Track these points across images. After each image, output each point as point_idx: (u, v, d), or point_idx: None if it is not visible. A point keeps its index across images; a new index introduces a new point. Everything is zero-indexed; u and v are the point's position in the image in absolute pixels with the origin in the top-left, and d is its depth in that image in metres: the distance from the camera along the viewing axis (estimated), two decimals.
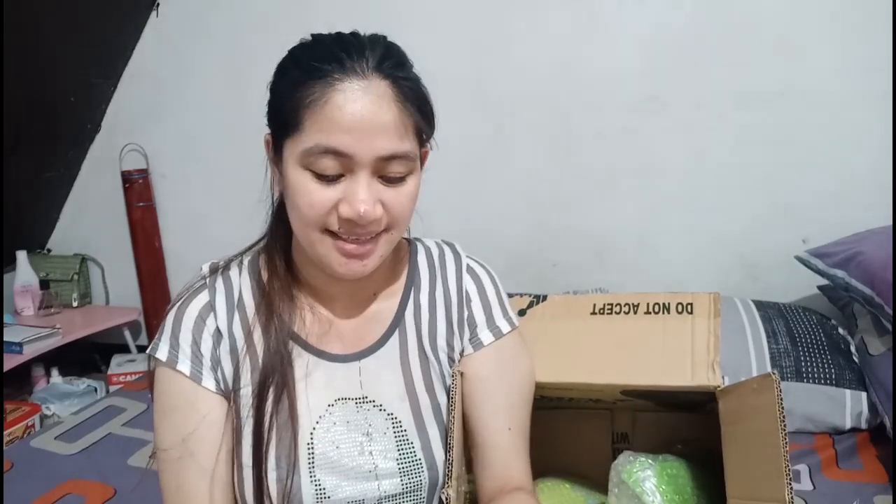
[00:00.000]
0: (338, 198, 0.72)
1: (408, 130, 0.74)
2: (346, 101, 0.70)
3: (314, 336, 0.82)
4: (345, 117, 0.69)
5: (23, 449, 1.67)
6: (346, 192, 0.72)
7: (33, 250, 2.71)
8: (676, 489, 0.91)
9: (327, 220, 0.73)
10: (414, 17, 2.18)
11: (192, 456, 0.76)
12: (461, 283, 0.89)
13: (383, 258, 0.78)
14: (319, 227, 0.74)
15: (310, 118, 0.71)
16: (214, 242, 1.55)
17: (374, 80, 0.71)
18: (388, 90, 0.72)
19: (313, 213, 0.73)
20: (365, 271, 0.76)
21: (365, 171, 0.72)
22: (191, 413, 0.77)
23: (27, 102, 2.23)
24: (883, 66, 1.82)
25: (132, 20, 2.46)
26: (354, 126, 0.70)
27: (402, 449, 0.80)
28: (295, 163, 0.73)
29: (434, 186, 1.35)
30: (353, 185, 0.72)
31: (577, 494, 1.04)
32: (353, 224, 0.72)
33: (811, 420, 1.56)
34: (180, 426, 0.77)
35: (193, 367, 0.78)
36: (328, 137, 0.70)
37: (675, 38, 2.00)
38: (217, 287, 0.82)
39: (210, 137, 2.47)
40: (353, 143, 0.70)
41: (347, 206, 0.72)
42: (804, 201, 1.97)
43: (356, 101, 0.70)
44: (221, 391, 0.79)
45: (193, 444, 0.76)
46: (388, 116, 0.71)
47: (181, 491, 0.77)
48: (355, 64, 0.71)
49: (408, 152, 0.73)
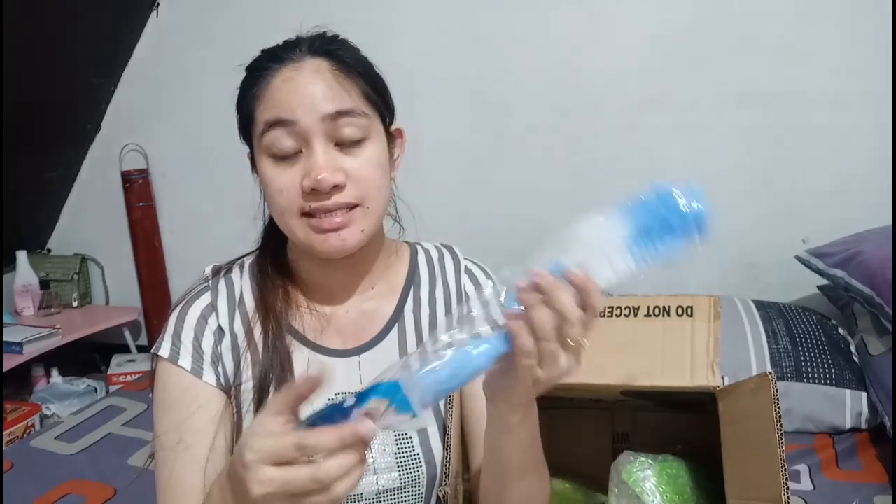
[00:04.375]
0: (301, 175, 0.74)
1: (351, 93, 0.76)
2: (282, 81, 0.75)
3: (313, 331, 0.83)
4: (283, 93, 0.74)
5: (23, 449, 1.67)
6: (305, 167, 0.74)
7: (33, 250, 2.71)
8: (676, 489, 0.91)
9: (298, 202, 0.74)
10: (414, 18, 2.19)
11: (189, 449, 0.77)
12: (460, 282, 0.91)
13: (365, 234, 0.77)
14: (295, 213, 0.75)
15: (258, 107, 0.76)
16: (214, 242, 1.56)
17: (308, 59, 0.76)
18: (323, 63, 0.76)
19: (283, 199, 0.75)
20: (345, 246, 0.76)
21: (318, 138, 0.73)
22: (190, 407, 0.78)
23: (27, 102, 2.23)
24: (883, 66, 1.82)
25: (132, 20, 2.46)
26: (293, 97, 0.73)
27: (400, 444, 0.81)
28: (259, 153, 0.76)
29: (434, 186, 1.36)
30: (310, 156, 0.74)
31: (577, 494, 1.05)
32: (318, 195, 0.73)
33: (811, 420, 1.56)
34: (179, 419, 0.78)
35: (194, 363, 0.79)
36: (271, 111, 0.74)
37: (676, 39, 2.00)
38: (219, 288, 0.83)
39: (210, 137, 2.46)
40: (294, 108, 0.73)
41: (307, 177, 0.73)
42: (804, 201, 1.97)
43: (292, 78, 0.74)
44: (222, 386, 0.80)
45: (191, 437, 0.77)
46: (326, 80, 0.74)
47: (175, 481, 0.77)
48: (290, 53, 0.76)
49: (353, 108, 0.75)
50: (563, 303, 0.55)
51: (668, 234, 0.57)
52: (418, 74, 2.09)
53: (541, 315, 0.55)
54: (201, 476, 0.76)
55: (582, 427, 1.11)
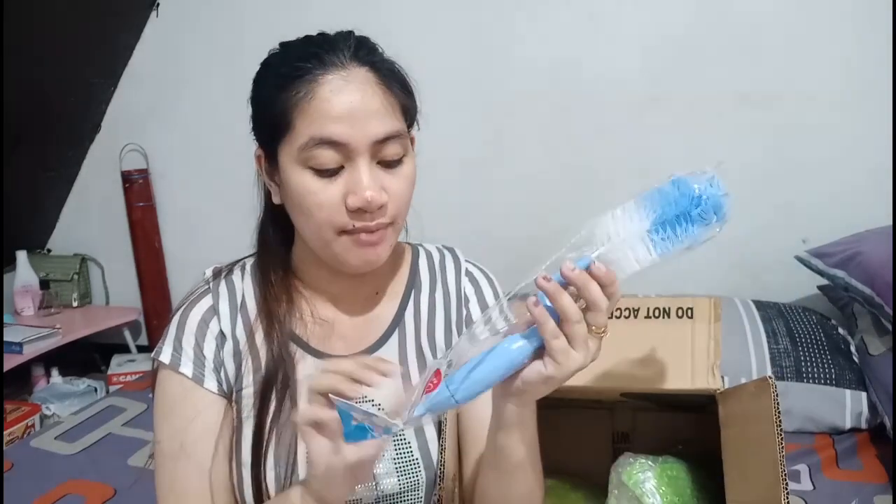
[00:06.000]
0: (342, 192, 0.72)
1: (395, 110, 0.75)
2: (332, 93, 0.71)
3: (316, 338, 0.82)
4: (334, 107, 0.71)
5: (23, 449, 1.67)
6: (349, 184, 0.72)
7: (33, 250, 2.71)
8: (676, 491, 0.91)
9: (340, 219, 0.73)
10: (414, 18, 2.18)
11: (191, 456, 0.76)
12: (460, 285, 0.90)
13: (391, 248, 0.79)
14: (334, 229, 0.73)
15: (299, 115, 0.71)
16: (214, 242, 1.55)
17: (354, 68, 0.73)
18: (369, 75, 0.73)
19: (324, 214, 0.73)
20: (379, 260, 0.77)
21: (363, 157, 0.72)
22: (191, 414, 0.77)
23: (27, 102, 2.23)
24: (883, 66, 1.82)
25: (132, 20, 2.46)
26: (345, 114, 0.71)
27: (399, 448, 0.81)
28: (293, 164, 0.73)
29: (434, 186, 1.35)
30: (355, 175, 0.72)
31: (577, 494, 1.04)
32: (363, 213, 0.72)
33: (811, 420, 1.56)
34: (180, 427, 0.77)
35: (196, 370, 0.78)
36: (321, 129, 0.71)
37: (676, 39, 2.00)
38: (220, 291, 0.83)
39: (210, 137, 2.47)
40: (347, 130, 0.71)
41: (354, 196, 0.71)
42: (804, 201, 1.97)
43: (342, 91, 0.71)
44: (223, 392, 0.79)
45: (192, 445, 0.77)
46: (375, 100, 0.73)
47: (177, 490, 0.77)
48: (333, 57, 0.72)
49: (399, 130, 0.74)
50: (591, 291, 0.61)
51: (687, 221, 0.61)
52: (418, 74, 2.08)
53: (566, 301, 0.61)
54: (203, 484, 0.76)
55: (582, 427, 1.11)
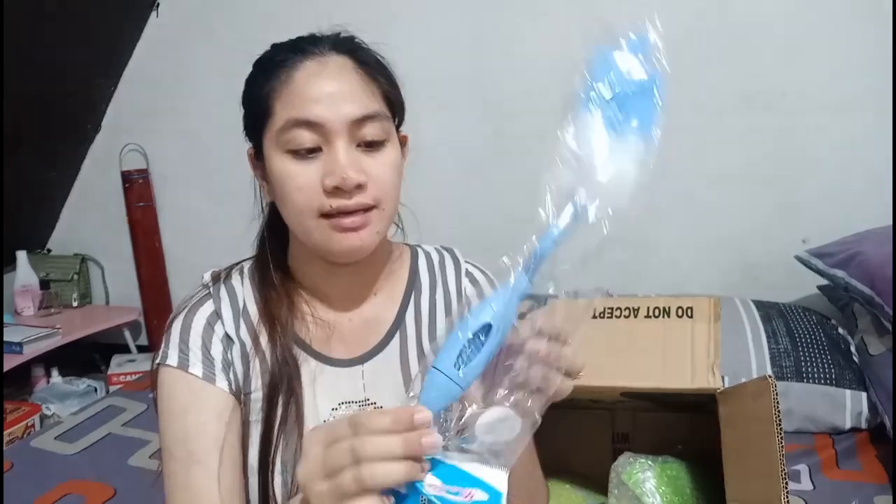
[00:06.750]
0: (321, 174, 0.72)
1: (375, 95, 0.75)
2: (308, 76, 0.73)
3: (318, 341, 0.82)
4: (310, 89, 0.72)
5: (23, 449, 1.67)
6: (326, 165, 0.72)
7: (33, 250, 2.71)
8: (676, 490, 0.91)
9: (318, 201, 0.72)
10: (414, 18, 2.18)
11: (203, 458, 0.74)
12: (460, 286, 0.90)
13: (379, 236, 0.77)
14: (314, 213, 0.73)
15: (278, 100, 0.73)
16: (214, 242, 1.56)
17: (333, 56, 0.75)
18: (348, 61, 0.75)
19: (303, 197, 0.72)
20: (362, 246, 0.75)
21: (341, 139, 0.72)
22: (204, 414, 0.76)
23: (27, 102, 2.23)
24: (883, 66, 1.82)
25: (132, 20, 2.46)
26: (321, 96, 0.72)
27: None
28: (274, 150, 0.74)
29: (434, 186, 1.36)
30: (332, 155, 0.72)
31: (577, 494, 1.05)
32: (341, 194, 0.72)
33: (811, 420, 1.56)
34: (192, 429, 0.75)
35: (206, 369, 0.77)
36: (297, 110, 0.72)
37: (676, 39, 1.98)
38: (221, 296, 0.82)
39: (210, 137, 2.47)
40: (323, 110, 0.71)
41: (331, 175, 0.71)
42: (804, 201, 1.97)
43: (319, 74, 0.73)
44: (234, 392, 0.78)
45: (204, 445, 0.75)
46: (352, 81, 0.74)
47: (191, 493, 0.75)
48: (313, 48, 0.75)
49: (377, 112, 0.74)
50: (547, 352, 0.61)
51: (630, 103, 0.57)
52: (418, 74, 2.08)
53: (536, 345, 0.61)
54: (215, 485, 0.74)
55: (582, 427, 1.11)
